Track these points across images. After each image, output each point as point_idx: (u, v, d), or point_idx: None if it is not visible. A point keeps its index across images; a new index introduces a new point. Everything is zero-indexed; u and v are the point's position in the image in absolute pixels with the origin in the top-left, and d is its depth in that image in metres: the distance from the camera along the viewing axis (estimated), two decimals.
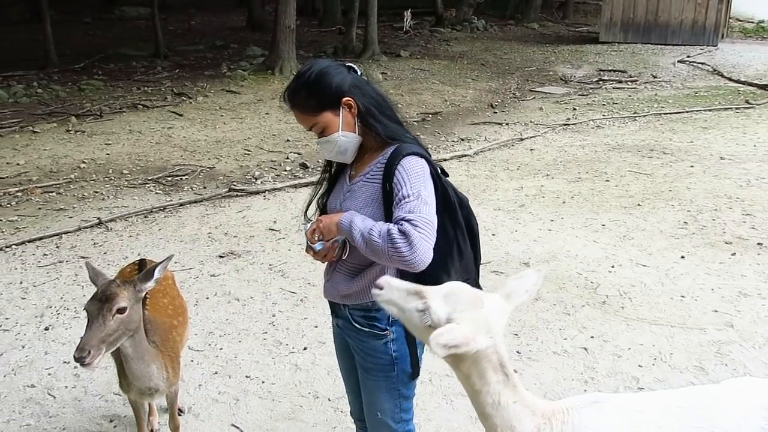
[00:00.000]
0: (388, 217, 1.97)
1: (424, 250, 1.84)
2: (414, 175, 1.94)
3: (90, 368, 2.26)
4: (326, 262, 2.18)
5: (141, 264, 3.03)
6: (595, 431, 1.84)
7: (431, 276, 1.99)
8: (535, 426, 1.84)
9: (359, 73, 2.12)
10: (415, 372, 2.16)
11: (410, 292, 1.79)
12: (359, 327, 2.12)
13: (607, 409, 1.89)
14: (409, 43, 18.55)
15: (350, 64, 2.12)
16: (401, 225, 1.85)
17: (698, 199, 6.43)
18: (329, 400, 3.51)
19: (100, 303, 2.32)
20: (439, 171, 2.09)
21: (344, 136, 2.05)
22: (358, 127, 2.07)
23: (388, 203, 1.96)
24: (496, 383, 1.81)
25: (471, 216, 2.14)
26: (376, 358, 2.13)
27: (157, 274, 2.47)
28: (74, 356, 2.21)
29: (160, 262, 2.50)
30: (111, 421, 3.39)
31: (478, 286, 2.17)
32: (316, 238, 2.07)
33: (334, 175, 2.24)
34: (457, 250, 2.04)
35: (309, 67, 2.07)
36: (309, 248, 2.11)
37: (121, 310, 2.33)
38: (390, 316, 2.07)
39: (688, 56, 16.46)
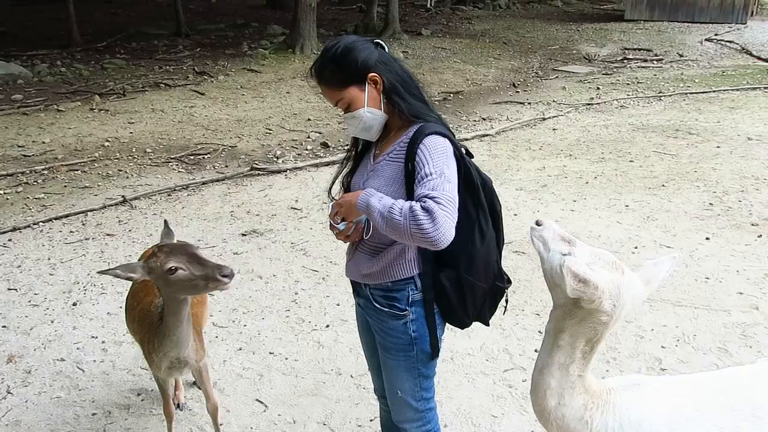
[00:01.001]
0: (410, 196, 1.96)
1: (447, 227, 1.81)
2: (436, 153, 1.92)
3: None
4: (348, 242, 2.19)
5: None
6: (637, 413, 1.84)
7: (451, 255, 1.99)
8: (583, 403, 1.86)
9: (386, 49, 2.10)
10: (434, 352, 2.16)
11: (563, 237, 1.87)
12: (379, 307, 2.13)
13: (647, 393, 1.89)
14: (430, 22, 18.37)
15: (378, 40, 2.11)
16: (424, 202, 1.83)
17: (724, 180, 6.34)
18: (352, 377, 3.55)
19: (189, 243, 2.38)
20: (463, 152, 2.08)
21: (370, 112, 2.04)
22: (384, 104, 2.05)
23: (410, 182, 1.95)
24: (579, 351, 1.82)
25: (494, 197, 2.13)
26: (396, 338, 2.14)
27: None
28: (226, 273, 2.21)
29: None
30: (138, 394, 3.46)
31: (499, 268, 2.17)
32: (339, 219, 2.07)
33: (360, 153, 2.24)
34: (479, 231, 2.03)
35: (336, 42, 2.05)
36: (332, 226, 2.12)
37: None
38: (410, 296, 2.09)
39: (716, 34, 16.11)
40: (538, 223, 1.93)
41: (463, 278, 2.05)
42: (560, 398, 1.86)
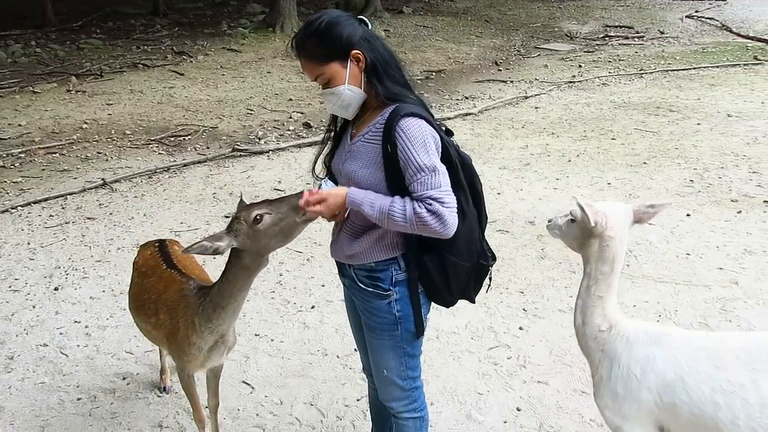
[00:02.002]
0: (389, 178, 1.96)
1: (453, 221, 1.91)
2: (414, 139, 1.91)
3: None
4: (334, 221, 2.18)
5: (161, 245, 3.00)
6: (645, 350, 1.99)
7: (433, 240, 1.99)
8: (599, 324, 2.08)
9: (369, 26, 2.07)
10: (419, 331, 2.16)
11: (564, 214, 2.25)
12: (363, 287, 2.14)
13: (665, 337, 2.01)
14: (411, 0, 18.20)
15: (361, 17, 2.07)
16: (429, 204, 1.88)
17: (704, 157, 6.40)
18: (338, 357, 3.56)
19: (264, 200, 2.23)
20: (443, 131, 2.07)
21: (350, 90, 2.01)
22: (364, 83, 2.03)
23: (389, 164, 1.95)
24: (600, 273, 2.07)
25: (474, 175, 2.12)
26: (380, 318, 2.14)
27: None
28: (308, 198, 1.99)
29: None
30: (124, 378, 3.44)
31: (482, 246, 2.17)
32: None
33: (339, 133, 2.22)
34: (460, 212, 2.02)
35: (320, 16, 2.01)
36: None
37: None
38: (393, 276, 2.09)
39: (697, 11, 16.16)
40: (550, 220, 2.35)
41: (446, 258, 2.05)
42: (583, 317, 2.11)
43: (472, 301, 2.26)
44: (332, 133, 2.23)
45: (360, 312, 2.24)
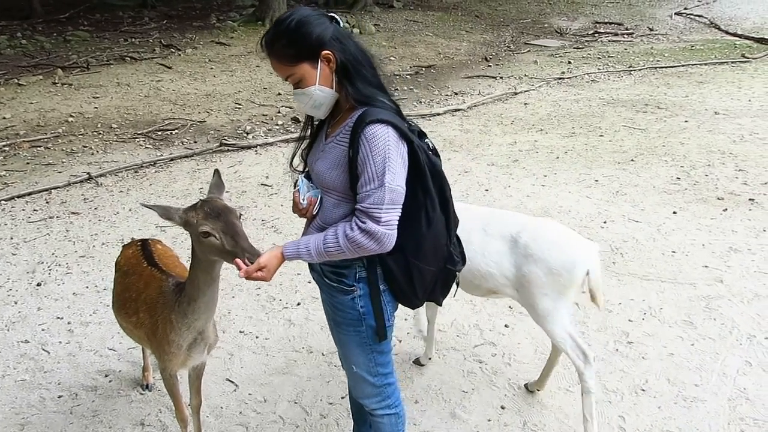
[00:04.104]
0: (352, 182, 1.94)
1: (389, 240, 1.90)
2: (376, 148, 1.87)
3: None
4: (308, 217, 2.17)
5: (144, 244, 2.96)
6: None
7: (399, 239, 1.97)
8: None
9: (341, 24, 2.03)
10: (380, 334, 2.13)
11: None
12: (329, 282, 2.13)
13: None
14: None
15: (333, 14, 2.02)
16: (363, 223, 1.88)
17: (691, 155, 6.42)
18: (323, 354, 3.54)
19: (232, 209, 2.21)
20: (415, 133, 2.03)
21: (320, 90, 1.98)
22: (335, 83, 1.99)
23: (353, 168, 1.93)
24: None
25: (443, 181, 2.08)
26: (345, 313, 2.14)
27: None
28: (252, 261, 2.02)
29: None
30: (106, 375, 3.41)
31: (449, 251, 2.13)
32: (303, 198, 2.08)
33: (317, 129, 2.20)
34: (426, 216, 2.00)
35: (289, 15, 1.96)
36: (296, 204, 2.13)
37: (240, 216, 2.25)
38: (357, 273, 2.07)
39: (686, 8, 16.22)
40: None
41: (411, 262, 2.03)
42: None
43: (440, 304, 2.26)
44: (309, 131, 2.21)
45: (328, 307, 2.24)
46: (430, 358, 3.44)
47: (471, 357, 3.49)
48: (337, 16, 2.02)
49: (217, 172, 2.45)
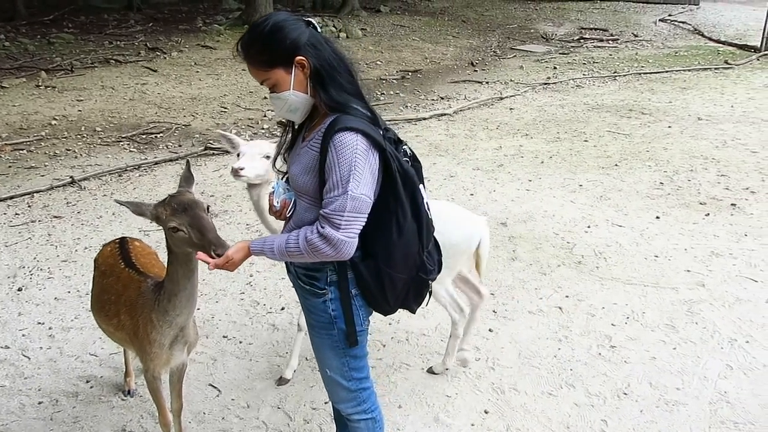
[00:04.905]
0: (321, 186, 1.95)
1: (346, 247, 1.91)
2: (343, 156, 1.87)
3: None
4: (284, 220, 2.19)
5: (122, 242, 2.94)
6: None
7: (371, 246, 2.00)
8: None
9: (319, 29, 2.02)
10: (350, 340, 2.12)
11: None
12: (302, 285, 2.14)
13: None
14: None
15: (309, 18, 2.02)
16: (322, 228, 1.89)
17: (674, 160, 6.48)
18: (306, 359, 3.53)
19: (198, 202, 2.23)
20: (392, 140, 2.02)
21: (295, 95, 1.98)
22: (310, 88, 1.99)
23: (322, 174, 1.94)
24: None
25: (416, 189, 2.05)
26: (318, 316, 2.14)
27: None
28: (219, 253, 2.07)
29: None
30: (87, 381, 3.37)
31: (422, 260, 2.11)
32: (276, 200, 2.12)
33: (296, 132, 2.20)
34: (396, 225, 2.00)
35: (265, 19, 1.96)
36: (271, 206, 2.15)
37: (209, 208, 2.28)
38: (328, 276, 2.07)
39: (670, 15, 16.40)
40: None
41: (382, 270, 2.02)
42: None
43: (413, 312, 2.24)
44: (290, 133, 2.21)
45: (303, 310, 2.25)
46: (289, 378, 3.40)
47: (455, 361, 3.49)
48: (314, 21, 2.01)
49: (188, 163, 2.46)
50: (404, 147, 2.09)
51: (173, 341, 2.50)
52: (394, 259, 2.03)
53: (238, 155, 2.95)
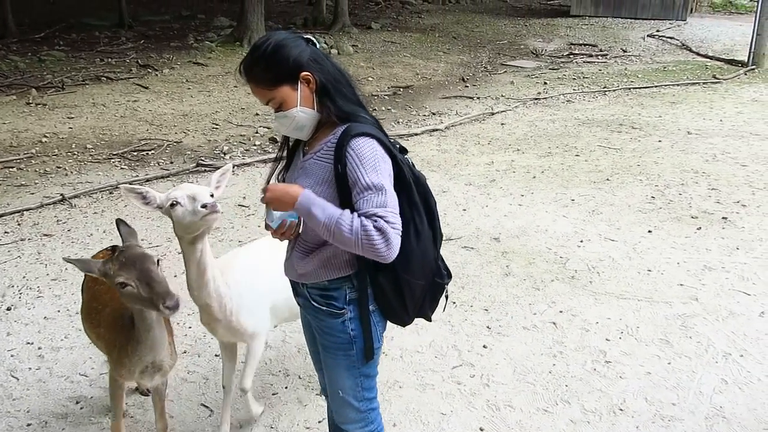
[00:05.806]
0: (341, 197, 1.93)
1: (397, 242, 1.86)
2: (366, 159, 1.89)
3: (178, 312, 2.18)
4: (283, 239, 2.13)
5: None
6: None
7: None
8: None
9: (318, 46, 2.05)
10: (368, 355, 2.11)
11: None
12: (318, 306, 2.10)
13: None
14: (380, 15, 18.34)
15: (309, 36, 2.05)
16: (376, 221, 1.83)
17: (665, 174, 6.51)
18: (300, 377, 3.50)
19: (148, 256, 2.25)
20: (396, 149, 2.04)
21: (303, 111, 1.99)
22: (316, 103, 2.01)
23: (340, 184, 1.93)
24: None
25: (428, 194, 2.09)
26: (335, 337, 2.10)
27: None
28: (170, 305, 2.12)
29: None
30: (77, 402, 3.32)
31: (437, 265, 2.13)
32: (273, 214, 2.03)
33: (292, 150, 2.20)
34: (414, 230, 2.00)
35: (266, 39, 1.98)
36: (267, 225, 2.09)
37: (159, 262, 2.28)
38: (347, 295, 2.05)
39: (658, 30, 16.57)
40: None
41: (401, 278, 2.01)
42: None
43: (429, 320, 2.23)
44: (285, 151, 2.20)
45: (315, 331, 2.20)
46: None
47: (449, 378, 3.47)
48: (313, 38, 2.04)
49: (118, 222, 2.51)
50: (407, 157, 2.10)
51: (144, 370, 2.50)
52: (413, 266, 2.02)
53: (173, 205, 2.37)
